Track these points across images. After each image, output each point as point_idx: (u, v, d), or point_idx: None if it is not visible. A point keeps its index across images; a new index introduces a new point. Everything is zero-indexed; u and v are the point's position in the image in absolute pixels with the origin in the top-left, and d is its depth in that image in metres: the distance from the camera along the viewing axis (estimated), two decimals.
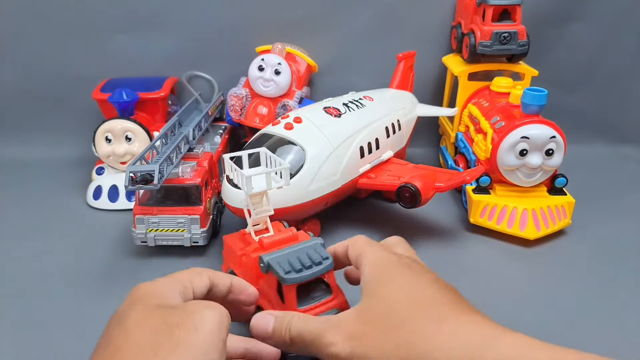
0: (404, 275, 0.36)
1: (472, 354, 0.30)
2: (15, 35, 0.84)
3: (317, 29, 0.85)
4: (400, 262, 0.38)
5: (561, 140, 0.62)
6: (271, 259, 0.41)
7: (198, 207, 0.60)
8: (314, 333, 0.35)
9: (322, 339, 0.34)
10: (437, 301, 0.34)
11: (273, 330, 0.37)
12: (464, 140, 0.76)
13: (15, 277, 0.58)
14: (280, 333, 0.36)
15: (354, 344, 0.33)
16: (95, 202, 0.73)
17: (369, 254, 0.39)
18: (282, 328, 0.36)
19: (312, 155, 0.59)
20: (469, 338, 0.31)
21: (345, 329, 0.34)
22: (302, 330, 0.35)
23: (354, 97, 0.72)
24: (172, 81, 0.84)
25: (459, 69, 0.77)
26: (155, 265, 0.60)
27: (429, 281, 0.36)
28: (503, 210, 0.64)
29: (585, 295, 0.55)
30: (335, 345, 0.33)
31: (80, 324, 0.50)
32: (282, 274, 0.40)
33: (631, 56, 0.89)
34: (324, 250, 0.43)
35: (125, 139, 0.73)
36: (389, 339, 0.32)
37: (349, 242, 0.42)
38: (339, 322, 0.35)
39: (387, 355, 0.32)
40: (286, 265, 0.41)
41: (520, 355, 0.29)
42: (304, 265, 0.41)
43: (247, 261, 0.46)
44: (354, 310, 0.35)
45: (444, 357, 0.30)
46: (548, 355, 0.29)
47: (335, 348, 0.33)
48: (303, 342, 0.35)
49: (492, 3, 0.73)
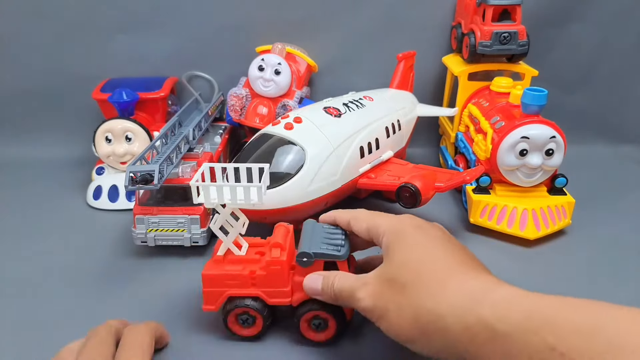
0: (416, 237, 0.40)
1: (472, 303, 0.34)
2: (15, 35, 0.84)
3: (317, 29, 0.85)
4: (412, 224, 0.42)
5: (561, 140, 0.62)
6: (314, 250, 0.44)
7: (198, 207, 0.60)
8: (349, 290, 0.41)
9: (354, 295, 0.40)
10: (446, 260, 0.38)
11: (322, 288, 0.43)
12: (464, 140, 0.76)
13: (15, 277, 0.58)
14: (327, 290, 0.43)
15: (375, 301, 0.39)
16: (95, 202, 0.73)
17: (384, 224, 0.43)
18: (328, 285, 0.43)
19: (312, 155, 0.59)
20: (470, 290, 0.35)
21: (369, 288, 0.39)
22: (342, 287, 0.42)
23: (354, 97, 0.72)
24: (172, 81, 0.84)
25: (459, 69, 0.77)
26: (155, 265, 0.60)
27: (440, 241, 0.40)
28: (503, 210, 0.64)
29: (585, 295, 0.54)
30: (363, 300, 0.39)
31: (80, 324, 0.49)
32: (337, 252, 0.44)
33: (631, 56, 0.89)
34: (320, 226, 0.48)
35: (125, 139, 0.73)
36: (402, 297, 0.37)
37: (349, 216, 0.46)
38: (366, 281, 0.40)
39: (401, 310, 0.37)
40: (327, 246, 0.45)
41: (512, 300, 0.33)
42: (334, 243, 0.45)
43: (278, 266, 0.45)
44: (377, 270, 0.40)
45: (447, 310, 0.34)
46: (538, 301, 0.32)
47: (363, 303, 0.39)
48: (342, 297, 0.42)
49: (492, 3, 0.73)
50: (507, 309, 0.32)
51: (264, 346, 0.48)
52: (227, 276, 0.46)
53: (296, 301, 0.46)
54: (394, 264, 0.39)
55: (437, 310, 0.35)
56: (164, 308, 0.53)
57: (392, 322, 0.37)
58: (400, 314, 0.37)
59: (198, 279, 0.57)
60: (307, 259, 0.44)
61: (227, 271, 0.46)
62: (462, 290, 0.35)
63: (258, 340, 0.48)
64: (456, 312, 0.34)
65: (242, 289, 0.46)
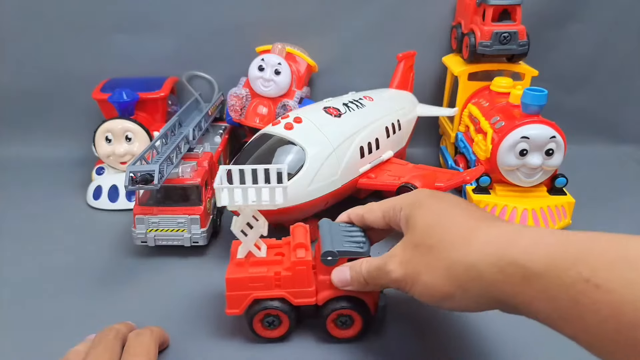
0: (433, 203, 0.42)
1: (502, 247, 0.34)
2: (15, 35, 0.84)
3: (317, 29, 0.85)
4: (427, 194, 0.44)
5: (561, 140, 0.62)
6: (338, 248, 0.45)
7: (198, 207, 0.60)
8: (378, 268, 0.42)
9: (384, 269, 0.41)
10: (467, 217, 0.39)
11: (351, 276, 0.44)
12: (464, 140, 0.76)
13: (15, 277, 0.58)
14: (356, 276, 0.44)
15: (406, 269, 0.40)
16: (95, 202, 0.73)
17: (399, 201, 0.44)
18: (357, 271, 0.44)
19: (312, 155, 0.59)
20: (497, 236, 0.35)
21: (397, 258, 0.41)
22: (370, 268, 0.43)
23: (354, 97, 0.72)
24: (172, 81, 0.84)
25: (459, 69, 0.77)
26: (155, 265, 0.60)
27: (457, 202, 0.42)
28: (503, 210, 0.64)
29: None
30: (394, 271, 0.40)
31: (80, 323, 0.50)
32: (360, 249, 0.45)
33: (631, 56, 0.89)
34: (337, 225, 0.49)
35: (125, 139, 0.73)
36: (431, 257, 0.38)
37: (361, 211, 0.48)
38: (392, 254, 0.41)
39: (433, 270, 0.38)
40: (350, 244, 0.45)
41: (541, 239, 0.33)
42: (355, 240, 0.46)
43: (304, 266, 0.46)
44: (401, 242, 0.42)
45: (479, 257, 0.35)
46: (567, 237, 0.32)
47: (395, 274, 0.40)
48: (373, 277, 0.43)
49: (492, 3, 0.73)
50: (537, 248, 0.32)
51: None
52: (252, 279, 0.46)
53: (322, 300, 0.46)
54: (417, 230, 0.40)
55: (469, 259, 0.35)
56: (164, 308, 0.53)
57: (427, 283, 0.38)
58: (433, 274, 0.37)
59: (198, 279, 0.57)
60: (332, 257, 0.45)
61: (251, 274, 0.46)
62: (489, 238, 0.35)
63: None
64: (488, 259, 0.34)
65: (267, 290, 0.46)
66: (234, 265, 0.47)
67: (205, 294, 0.55)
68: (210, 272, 0.58)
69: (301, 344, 0.48)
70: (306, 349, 0.48)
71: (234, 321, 0.50)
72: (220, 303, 0.53)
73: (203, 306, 0.53)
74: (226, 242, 0.64)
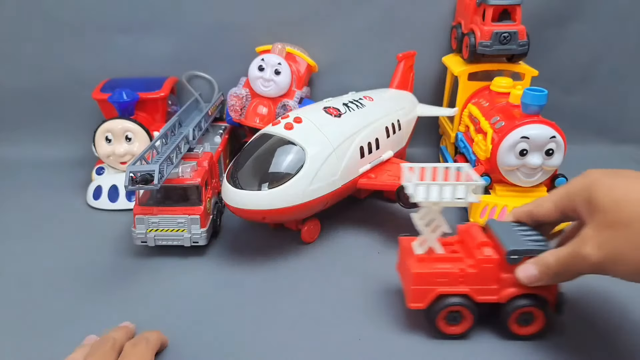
0: (610, 179, 0.41)
1: None
2: (15, 35, 0.84)
3: (317, 29, 0.85)
4: (599, 172, 0.43)
5: (561, 140, 0.62)
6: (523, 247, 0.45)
7: (198, 207, 0.60)
8: (571, 255, 0.40)
9: (579, 255, 0.40)
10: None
11: (539, 272, 0.43)
12: (464, 140, 0.76)
13: (15, 277, 0.58)
14: (544, 269, 0.43)
15: (604, 250, 0.38)
16: (95, 202, 0.73)
17: (571, 187, 0.43)
18: (544, 265, 0.43)
19: (312, 155, 0.59)
20: None
21: (592, 241, 0.39)
22: (559, 257, 0.41)
23: (354, 97, 0.72)
24: (172, 81, 0.84)
25: (459, 69, 0.77)
26: (155, 265, 0.60)
27: (632, 174, 0.41)
28: (503, 210, 0.64)
29: (584, 293, 0.55)
30: (592, 255, 0.39)
31: (80, 324, 0.50)
32: (545, 247, 0.45)
33: (631, 56, 0.89)
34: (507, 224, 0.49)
35: (125, 139, 0.73)
36: (632, 233, 0.37)
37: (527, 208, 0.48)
38: (583, 239, 0.40)
39: (638, 247, 0.36)
40: (532, 243, 0.46)
41: None
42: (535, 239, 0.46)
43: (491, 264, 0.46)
44: (590, 227, 0.40)
45: None
46: None
47: (593, 257, 0.38)
48: (566, 266, 0.41)
49: (492, 3, 0.73)
50: None
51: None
52: (438, 274, 0.46)
53: (505, 297, 0.47)
54: (606, 209, 0.39)
55: None
56: (164, 308, 0.53)
57: (632, 262, 0.37)
58: (638, 251, 0.36)
59: (198, 279, 0.57)
60: (518, 256, 0.45)
61: (437, 269, 0.47)
62: None
63: None
64: None
65: (452, 286, 0.47)
66: (417, 260, 0.48)
67: (205, 294, 0.55)
68: (211, 272, 0.58)
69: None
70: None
71: (232, 320, 0.50)
72: (220, 302, 0.53)
73: (203, 306, 0.53)
74: (226, 242, 0.64)
